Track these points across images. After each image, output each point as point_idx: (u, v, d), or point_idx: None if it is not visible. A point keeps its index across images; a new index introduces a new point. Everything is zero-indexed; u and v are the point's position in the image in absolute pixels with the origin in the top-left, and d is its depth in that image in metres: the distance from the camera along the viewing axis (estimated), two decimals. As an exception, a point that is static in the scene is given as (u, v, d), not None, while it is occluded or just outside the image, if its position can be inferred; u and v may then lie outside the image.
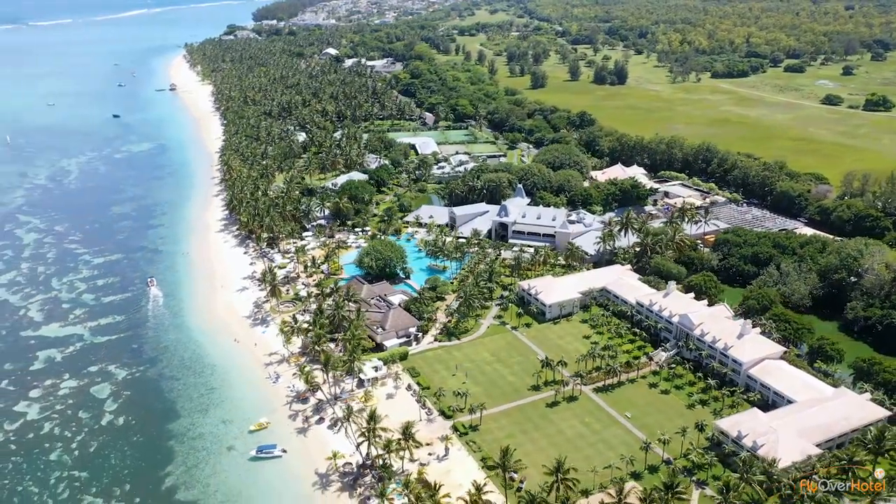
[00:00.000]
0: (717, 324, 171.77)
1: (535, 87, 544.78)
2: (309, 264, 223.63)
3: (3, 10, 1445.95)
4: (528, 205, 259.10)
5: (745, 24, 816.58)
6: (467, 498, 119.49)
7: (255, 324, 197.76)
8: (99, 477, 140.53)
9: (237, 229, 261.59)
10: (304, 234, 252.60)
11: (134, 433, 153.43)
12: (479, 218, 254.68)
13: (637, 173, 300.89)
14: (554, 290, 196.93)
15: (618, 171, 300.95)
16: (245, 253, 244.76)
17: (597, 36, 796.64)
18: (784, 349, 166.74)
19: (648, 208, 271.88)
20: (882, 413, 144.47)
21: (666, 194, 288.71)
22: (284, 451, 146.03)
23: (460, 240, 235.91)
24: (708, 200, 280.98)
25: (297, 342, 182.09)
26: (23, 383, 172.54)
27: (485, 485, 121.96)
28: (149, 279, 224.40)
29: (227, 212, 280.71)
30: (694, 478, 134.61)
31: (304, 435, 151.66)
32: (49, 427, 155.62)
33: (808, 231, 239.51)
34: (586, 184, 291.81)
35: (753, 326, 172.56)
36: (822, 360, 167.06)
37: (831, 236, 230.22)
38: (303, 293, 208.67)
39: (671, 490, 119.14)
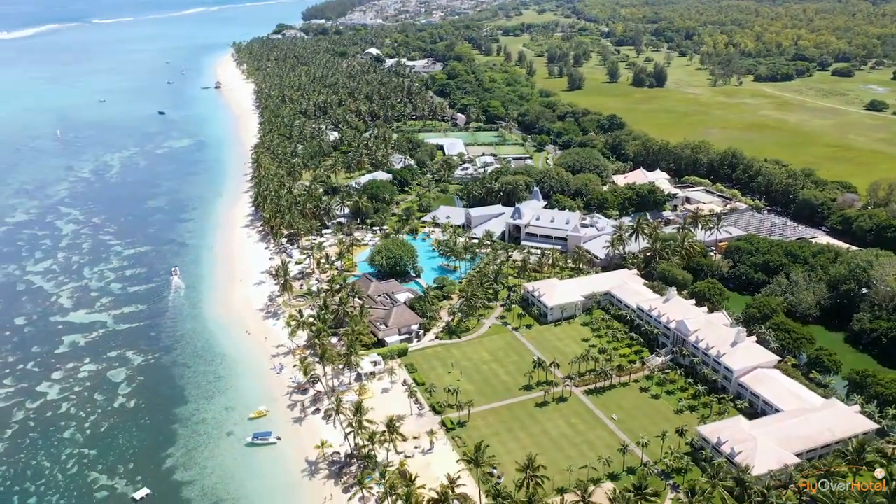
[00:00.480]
0: (713, 331, 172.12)
1: (572, 88, 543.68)
2: (323, 261, 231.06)
3: (70, 9, 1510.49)
4: (544, 207, 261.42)
5: (796, 27, 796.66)
6: (439, 489, 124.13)
7: (267, 317, 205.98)
8: (106, 455, 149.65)
9: (261, 225, 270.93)
10: (324, 231, 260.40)
11: (143, 416, 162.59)
12: (495, 219, 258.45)
13: (659, 178, 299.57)
14: (557, 292, 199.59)
15: (639, 176, 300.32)
16: (266, 248, 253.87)
17: (642, 37, 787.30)
18: (779, 358, 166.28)
19: (667, 214, 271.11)
20: (869, 425, 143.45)
21: (687, 200, 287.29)
22: (279, 438, 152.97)
23: (472, 240, 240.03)
24: (729, 207, 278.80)
25: (302, 335, 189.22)
26: (47, 365, 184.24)
27: (458, 478, 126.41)
28: (172, 269, 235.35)
29: (253, 208, 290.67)
30: (671, 481, 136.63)
31: (299, 424, 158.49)
32: (66, 407, 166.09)
33: (825, 240, 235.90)
34: (606, 188, 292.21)
35: (751, 335, 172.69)
36: (819, 370, 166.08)
37: (846, 246, 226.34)
38: (315, 289, 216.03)
39: (640, 492, 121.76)
